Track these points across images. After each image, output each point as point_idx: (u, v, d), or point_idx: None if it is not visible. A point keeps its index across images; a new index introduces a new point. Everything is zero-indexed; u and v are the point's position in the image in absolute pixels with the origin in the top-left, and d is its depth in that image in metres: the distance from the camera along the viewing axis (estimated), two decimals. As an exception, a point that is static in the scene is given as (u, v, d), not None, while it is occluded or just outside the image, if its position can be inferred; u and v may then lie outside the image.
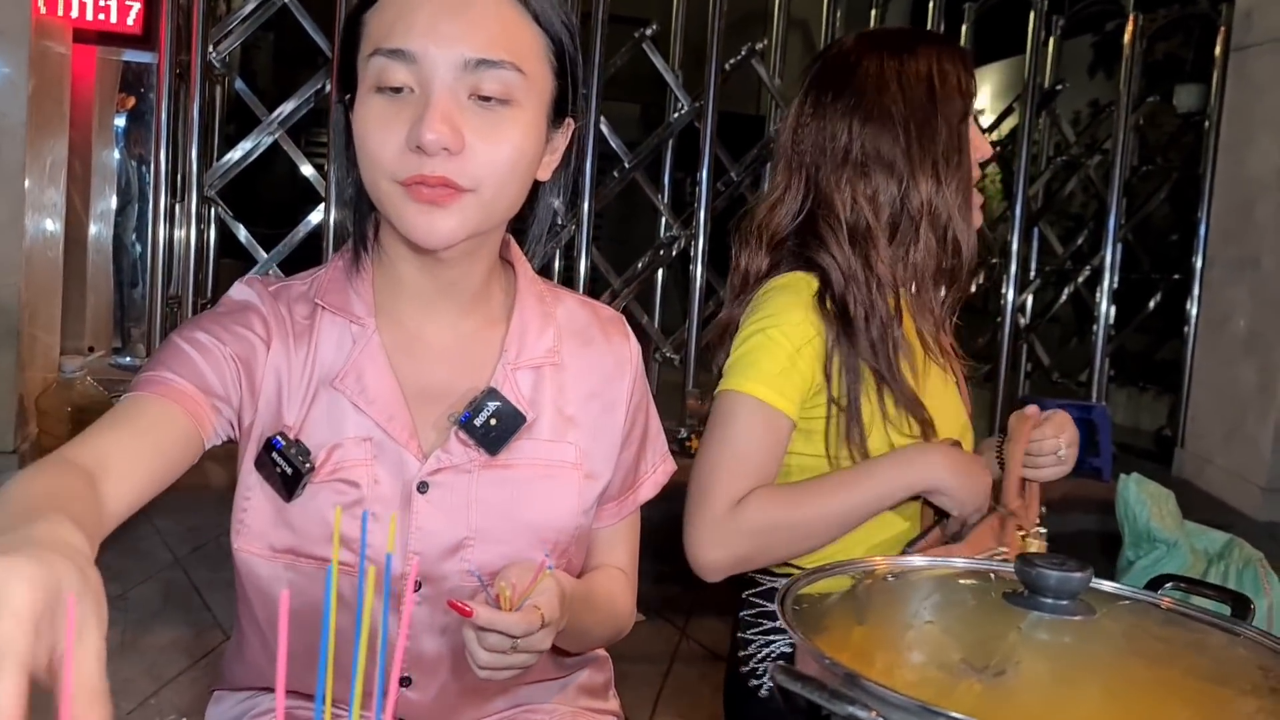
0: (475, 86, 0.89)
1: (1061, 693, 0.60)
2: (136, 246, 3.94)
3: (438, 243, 0.91)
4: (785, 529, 1.23)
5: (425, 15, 0.88)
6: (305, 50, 3.76)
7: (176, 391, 0.92)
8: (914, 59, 1.33)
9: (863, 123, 1.32)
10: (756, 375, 1.26)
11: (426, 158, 0.87)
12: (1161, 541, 2.15)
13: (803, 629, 0.62)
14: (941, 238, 1.32)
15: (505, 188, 0.93)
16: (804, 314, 1.28)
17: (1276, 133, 3.81)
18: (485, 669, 0.85)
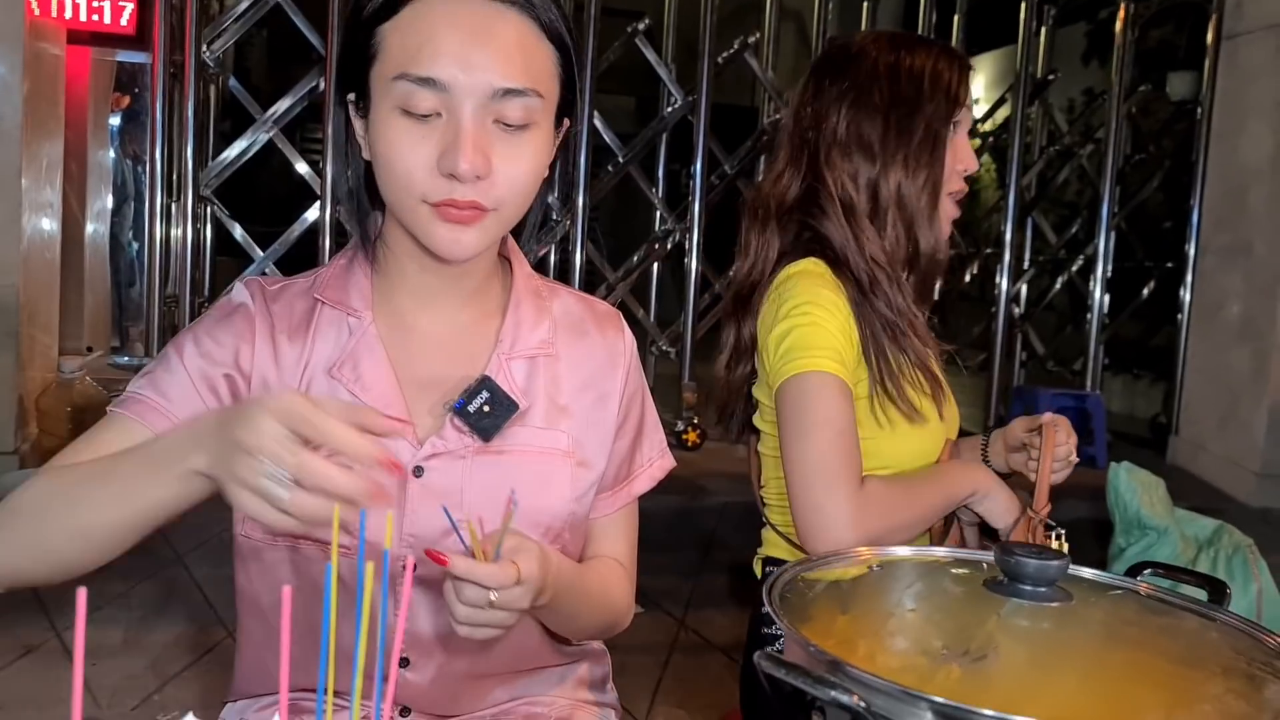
0: (500, 114, 0.92)
1: (1039, 677, 0.62)
2: (133, 246, 3.96)
3: (461, 256, 0.96)
4: (899, 513, 1.28)
5: (454, 43, 0.91)
6: (298, 47, 3.77)
7: (153, 414, 0.97)
8: (912, 56, 1.39)
9: (851, 106, 1.38)
10: (820, 353, 1.29)
11: (457, 183, 0.91)
12: (1152, 528, 2.17)
13: (789, 617, 0.64)
14: (907, 232, 1.37)
15: (522, 203, 0.98)
16: (832, 292, 1.33)
17: (1268, 120, 3.83)
18: (464, 624, 0.86)
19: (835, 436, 1.26)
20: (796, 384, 1.29)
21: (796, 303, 1.32)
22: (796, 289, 1.33)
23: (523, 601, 0.87)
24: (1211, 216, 4.17)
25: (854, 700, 0.54)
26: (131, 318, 3.95)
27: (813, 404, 1.28)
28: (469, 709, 1.10)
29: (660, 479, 1.17)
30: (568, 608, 1.00)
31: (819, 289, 1.32)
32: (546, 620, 1.06)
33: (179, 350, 1.00)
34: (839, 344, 1.30)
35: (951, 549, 0.77)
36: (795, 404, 1.29)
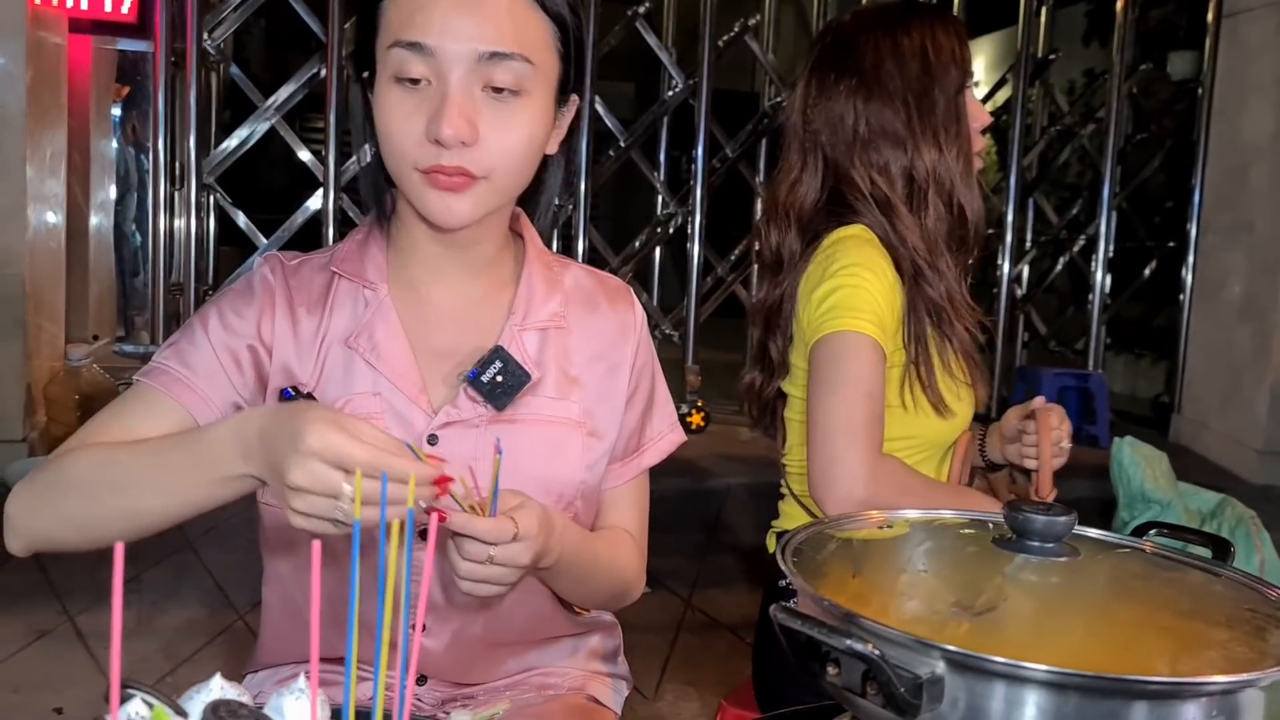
0: (488, 78, 0.94)
1: (1046, 626, 0.64)
2: (136, 235, 3.97)
3: (455, 224, 0.98)
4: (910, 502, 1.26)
5: (441, 10, 0.93)
6: (297, 34, 3.78)
7: (177, 384, 0.99)
8: (908, 34, 1.39)
9: (865, 100, 1.38)
10: (861, 314, 1.29)
11: (444, 149, 0.93)
12: (1155, 502, 2.19)
13: (803, 575, 0.66)
14: (948, 203, 1.38)
15: (516, 172, 0.99)
16: (880, 257, 1.34)
17: (1269, 98, 3.83)
18: (466, 580, 0.88)
19: (863, 397, 1.27)
20: (834, 341, 1.30)
21: (845, 263, 1.32)
22: (842, 251, 1.34)
23: (523, 558, 0.88)
24: (1213, 195, 4.17)
25: (869, 649, 0.56)
26: (136, 306, 3.97)
27: (847, 362, 1.29)
28: (483, 678, 1.12)
29: (670, 452, 1.19)
30: (576, 572, 1.02)
31: (870, 252, 1.33)
32: (555, 585, 1.07)
33: (204, 323, 1.03)
34: (881, 309, 1.31)
35: (961, 510, 0.78)
36: (830, 361, 1.30)
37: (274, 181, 6.49)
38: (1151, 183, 5.00)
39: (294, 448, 0.76)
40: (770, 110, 4.31)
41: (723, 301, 4.24)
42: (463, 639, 1.07)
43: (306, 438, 0.76)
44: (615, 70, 4.58)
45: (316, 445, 0.76)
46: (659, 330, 4.05)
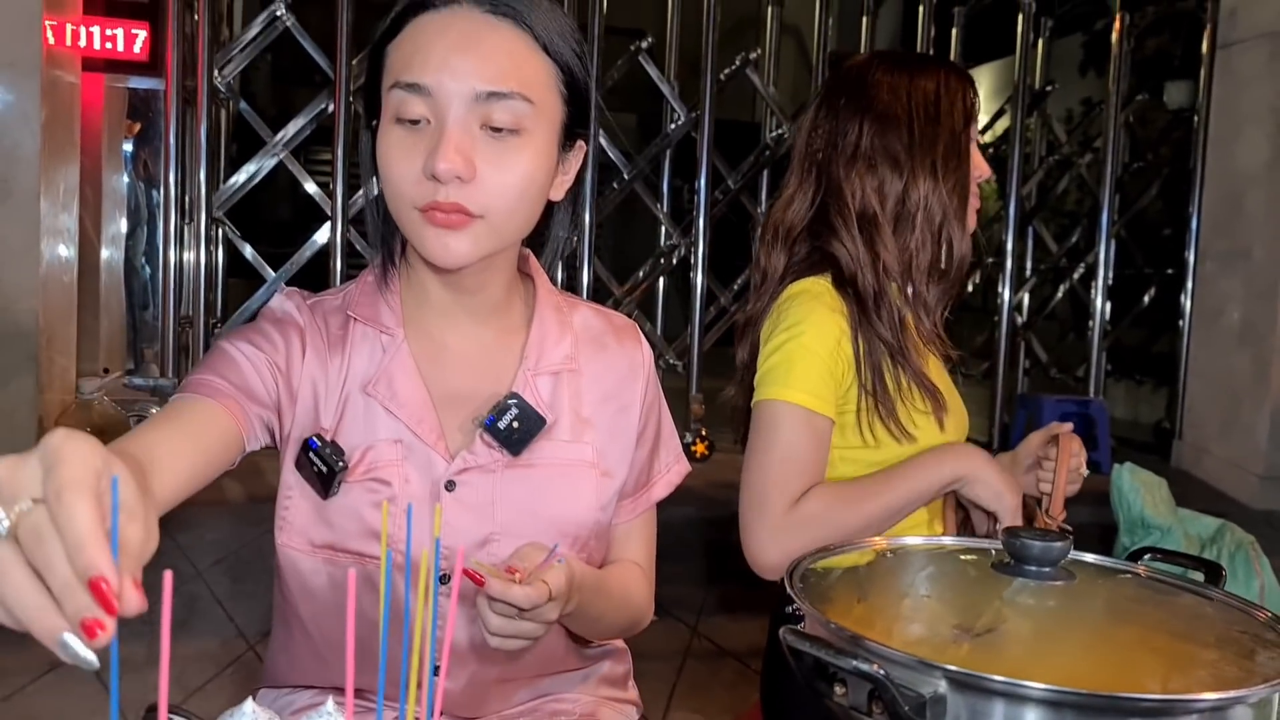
0: (486, 117, 0.95)
1: (1044, 647, 0.67)
2: (146, 269, 4.01)
3: (453, 263, 0.98)
4: (839, 525, 1.30)
5: (439, 50, 0.95)
6: (304, 69, 3.83)
7: (222, 394, 0.99)
8: (923, 75, 1.44)
9: (872, 121, 1.42)
10: (794, 382, 1.33)
11: (440, 185, 0.94)
12: (1155, 527, 2.22)
13: (810, 600, 0.69)
14: (936, 235, 1.40)
15: (515, 212, 0.99)
16: (827, 314, 1.36)
17: (1263, 126, 3.88)
18: (496, 635, 0.90)
19: (778, 465, 1.32)
20: (764, 408, 1.35)
21: (789, 323, 1.36)
22: (792, 309, 1.38)
23: (552, 615, 0.91)
24: (1210, 223, 4.21)
25: (874, 669, 0.59)
26: (146, 340, 4.00)
27: (769, 431, 1.34)
28: (495, 710, 1.14)
29: (677, 484, 1.21)
30: (592, 612, 1.04)
31: (814, 311, 1.36)
32: (571, 625, 1.09)
33: (230, 342, 1.04)
34: (819, 373, 1.34)
35: (960, 538, 0.81)
36: (756, 427, 1.36)
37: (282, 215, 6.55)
38: (1149, 210, 5.04)
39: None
40: (772, 142, 4.36)
41: (726, 331, 4.27)
42: (479, 680, 1.09)
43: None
44: (618, 103, 4.64)
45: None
46: (663, 359, 4.08)
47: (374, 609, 1.02)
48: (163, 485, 0.90)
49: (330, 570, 1.05)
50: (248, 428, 1.00)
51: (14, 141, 2.95)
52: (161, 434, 0.94)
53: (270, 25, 3.61)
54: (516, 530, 1.05)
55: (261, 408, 1.02)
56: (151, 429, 0.94)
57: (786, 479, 1.31)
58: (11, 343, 2.96)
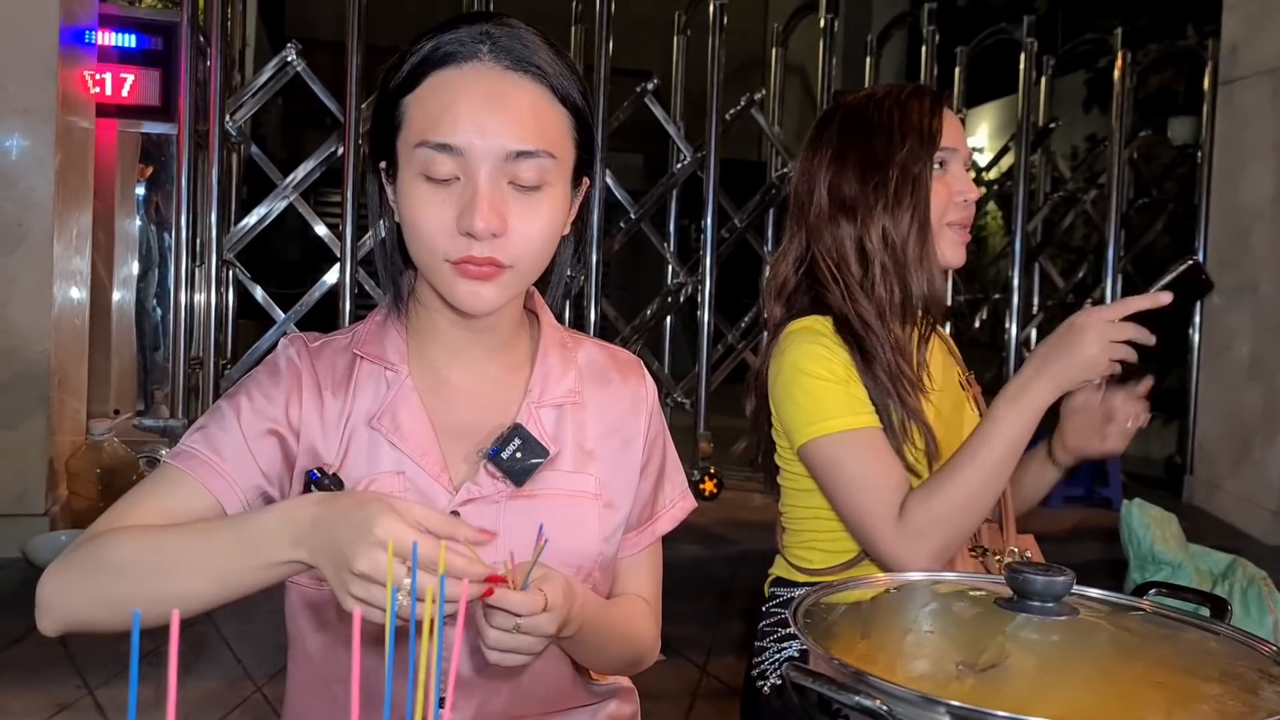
0: (514, 175, 0.98)
1: (1047, 682, 0.67)
2: (157, 310, 4.05)
3: (483, 310, 1.01)
4: (956, 509, 1.30)
5: (468, 110, 0.97)
6: (314, 113, 3.88)
7: (204, 468, 1.01)
8: (880, 108, 1.44)
9: (831, 172, 1.44)
10: (823, 414, 1.35)
11: (475, 240, 0.97)
12: (1166, 563, 2.20)
13: (813, 636, 0.69)
14: (900, 276, 1.41)
15: (539, 259, 1.03)
16: (825, 348, 1.38)
17: (1267, 162, 3.90)
18: (494, 649, 0.90)
19: (858, 495, 1.34)
20: (811, 453, 1.37)
21: (790, 361, 1.38)
22: (792, 347, 1.39)
23: (549, 628, 0.91)
24: (1216, 258, 4.22)
25: (877, 704, 0.59)
26: (156, 381, 4.03)
27: (831, 470, 1.36)
28: (503, 747, 1.13)
29: (682, 519, 1.21)
30: (595, 640, 1.04)
31: (811, 345, 1.38)
32: (574, 653, 1.09)
33: (233, 407, 1.05)
34: (841, 394, 1.35)
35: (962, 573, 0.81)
36: (816, 473, 1.38)
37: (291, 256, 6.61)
38: (1155, 246, 5.05)
39: (361, 536, 0.79)
40: (777, 181, 4.39)
41: (734, 369, 4.28)
42: (486, 713, 1.09)
43: (375, 528, 0.79)
44: (625, 143, 4.68)
45: (384, 535, 0.79)
46: (671, 398, 4.09)
47: (380, 643, 1.02)
48: None
49: (337, 605, 1.05)
50: (230, 500, 1.02)
51: (29, 186, 2.98)
52: (140, 512, 0.99)
53: (281, 70, 3.67)
54: (519, 558, 1.05)
55: (253, 477, 1.03)
56: (131, 508, 0.99)
57: (877, 503, 1.32)
58: (24, 384, 2.99)
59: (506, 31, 1.00)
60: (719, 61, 3.92)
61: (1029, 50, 4.43)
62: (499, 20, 1.02)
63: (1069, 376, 1.27)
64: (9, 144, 2.97)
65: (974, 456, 1.29)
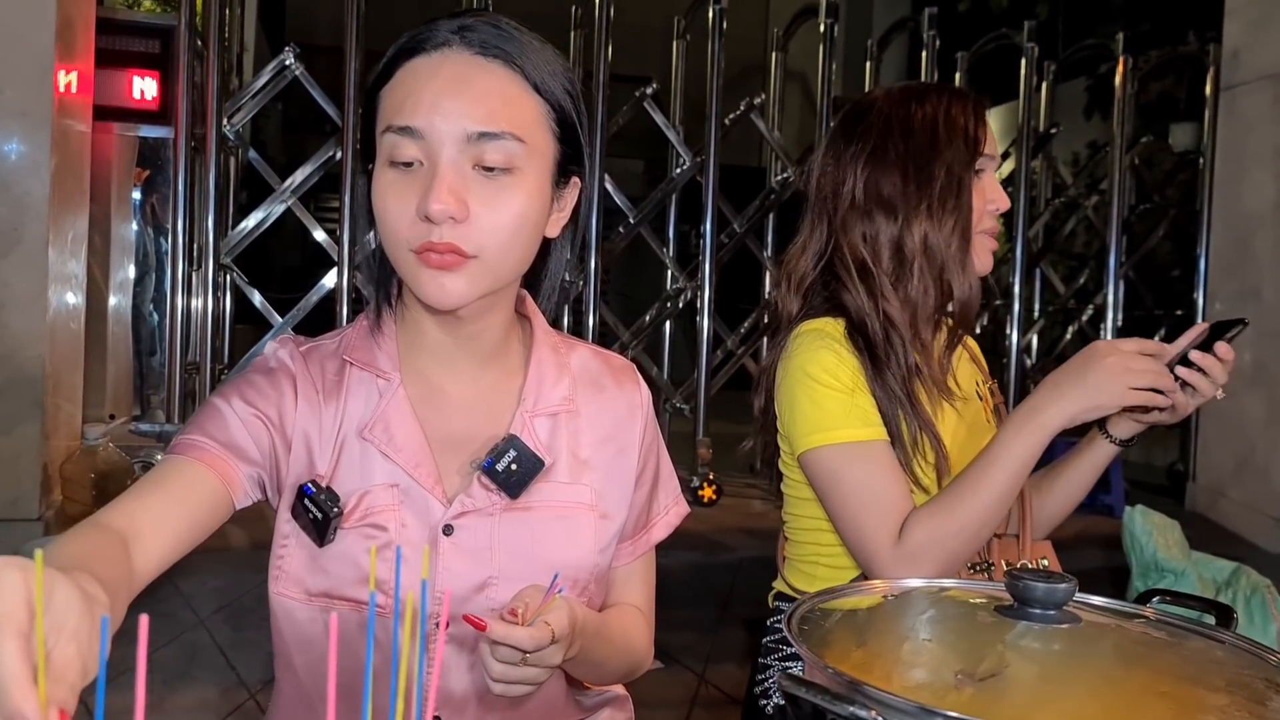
0: (478, 157, 0.95)
1: (1049, 693, 0.65)
2: (154, 315, 4.03)
3: (449, 304, 0.98)
4: (956, 533, 1.27)
5: (430, 93, 0.95)
6: (313, 118, 3.87)
7: (209, 455, 0.99)
8: (922, 108, 1.40)
9: (868, 168, 1.39)
10: (827, 423, 1.32)
11: (434, 226, 0.94)
12: (1169, 571, 2.18)
13: (808, 644, 0.67)
14: (936, 278, 1.37)
15: (509, 251, 0.99)
16: (835, 354, 1.34)
17: (1269, 167, 3.88)
18: (499, 681, 0.89)
19: (857, 509, 1.30)
20: (812, 461, 1.34)
21: (798, 364, 1.34)
22: (802, 349, 1.35)
23: (555, 659, 0.89)
24: (1219, 264, 4.20)
25: (873, 715, 0.57)
26: (153, 386, 4.00)
27: (832, 481, 1.33)
28: (496, 761, 1.11)
29: (676, 525, 1.20)
30: (594, 657, 1.03)
31: (821, 350, 1.34)
32: (574, 670, 1.07)
33: (223, 398, 1.04)
34: (845, 404, 1.32)
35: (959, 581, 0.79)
36: (816, 480, 1.35)
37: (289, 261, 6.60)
38: (1157, 252, 5.03)
39: None
40: (777, 186, 4.37)
41: (733, 375, 4.26)
42: None
43: None
44: (624, 148, 4.67)
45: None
46: (670, 404, 4.07)
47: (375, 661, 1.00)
48: (147, 555, 0.91)
49: (326, 619, 1.03)
50: (237, 487, 1.00)
51: (24, 190, 2.97)
52: (146, 501, 0.95)
53: (279, 74, 3.65)
54: (515, 574, 1.04)
55: (251, 465, 1.02)
56: (137, 497, 0.95)
57: (876, 521, 1.29)
58: (18, 389, 2.97)
59: (484, 22, 0.99)
60: (719, 66, 3.90)
61: (1030, 56, 4.41)
62: (484, 16, 1.00)
63: (1083, 406, 1.23)
64: (4, 148, 2.96)
65: (977, 481, 1.26)
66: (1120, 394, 1.21)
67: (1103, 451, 1.42)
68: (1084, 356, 1.25)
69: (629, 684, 1.26)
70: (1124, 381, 1.21)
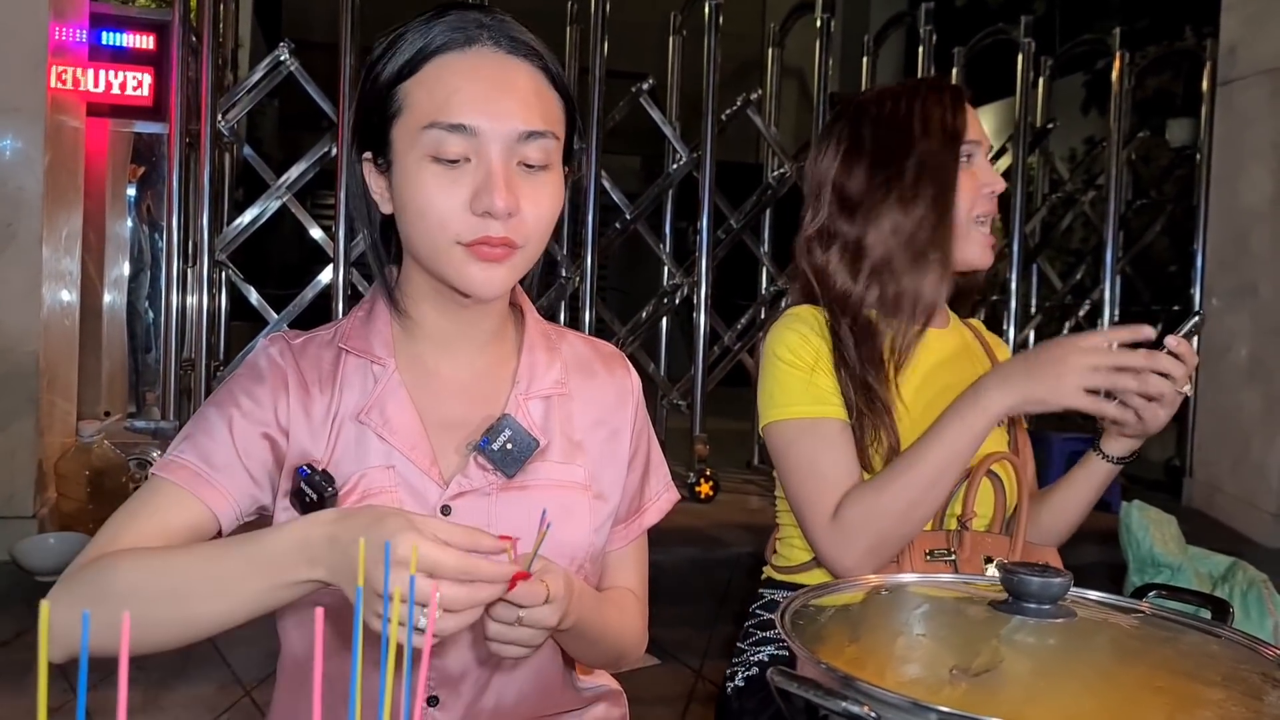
0: (523, 155, 0.99)
1: (1044, 688, 0.64)
2: (149, 313, 4.02)
3: (493, 293, 1.02)
4: (887, 512, 1.27)
5: (480, 92, 0.98)
6: (309, 114, 3.86)
7: (192, 478, 1.00)
8: (897, 103, 1.43)
9: (841, 165, 1.43)
10: (784, 400, 1.36)
11: (492, 220, 0.97)
12: (1166, 566, 2.18)
13: (801, 639, 0.66)
14: (912, 267, 1.38)
15: (544, 240, 1.04)
16: (800, 335, 1.38)
17: (1266, 162, 3.87)
18: (495, 641, 0.90)
19: (801, 482, 1.34)
20: (768, 434, 1.39)
21: (768, 347, 1.40)
22: (774, 333, 1.40)
23: (550, 620, 0.90)
24: (1216, 259, 4.20)
25: (866, 710, 0.56)
26: (148, 383, 3.99)
27: (781, 454, 1.37)
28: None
29: (668, 510, 1.22)
30: (590, 633, 1.04)
31: (788, 332, 1.38)
32: (568, 646, 1.09)
33: (220, 412, 1.04)
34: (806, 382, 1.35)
35: (957, 575, 0.79)
36: (773, 452, 1.39)
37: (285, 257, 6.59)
38: (1154, 247, 5.03)
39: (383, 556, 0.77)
40: (774, 181, 4.37)
41: (730, 371, 4.26)
42: (475, 711, 1.08)
43: (397, 547, 0.77)
44: (621, 145, 4.66)
45: (407, 555, 0.76)
46: (666, 400, 4.06)
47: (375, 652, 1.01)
48: None
49: (326, 601, 1.04)
50: (224, 508, 1.01)
51: (18, 185, 2.95)
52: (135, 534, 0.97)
53: (274, 70, 3.64)
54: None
55: (245, 486, 1.02)
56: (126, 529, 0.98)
57: (816, 495, 1.32)
58: (12, 385, 2.96)
59: (497, 19, 1.02)
60: (715, 62, 3.89)
61: (1027, 51, 4.41)
62: (485, 11, 1.03)
63: (1029, 395, 1.20)
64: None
65: (910, 461, 1.27)
66: (1068, 393, 1.18)
67: (1099, 470, 1.41)
68: (1042, 347, 1.22)
69: (624, 679, 1.26)
70: (1074, 381, 1.17)
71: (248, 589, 0.86)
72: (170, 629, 0.89)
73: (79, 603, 0.92)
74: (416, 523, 0.79)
